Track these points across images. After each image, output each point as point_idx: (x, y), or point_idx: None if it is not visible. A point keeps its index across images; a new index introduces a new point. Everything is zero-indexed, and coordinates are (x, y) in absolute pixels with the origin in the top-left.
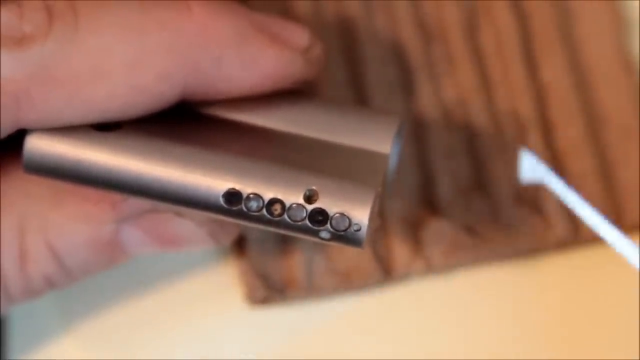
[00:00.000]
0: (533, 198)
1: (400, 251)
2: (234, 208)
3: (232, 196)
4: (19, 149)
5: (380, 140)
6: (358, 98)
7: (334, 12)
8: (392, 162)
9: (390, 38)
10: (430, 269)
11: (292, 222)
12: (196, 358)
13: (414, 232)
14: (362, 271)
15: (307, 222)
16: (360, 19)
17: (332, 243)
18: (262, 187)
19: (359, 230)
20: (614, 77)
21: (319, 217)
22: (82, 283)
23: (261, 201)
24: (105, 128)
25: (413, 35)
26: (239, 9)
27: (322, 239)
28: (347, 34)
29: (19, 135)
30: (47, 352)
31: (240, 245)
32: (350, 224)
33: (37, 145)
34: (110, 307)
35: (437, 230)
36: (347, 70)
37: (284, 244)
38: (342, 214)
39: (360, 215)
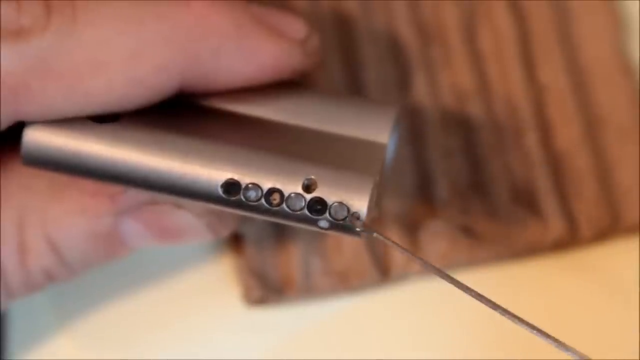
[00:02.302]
0: (531, 198)
1: (397, 252)
2: (233, 198)
3: (231, 186)
4: (18, 143)
5: (378, 130)
6: None
7: (331, 11)
8: (390, 152)
9: (388, 38)
10: (427, 270)
11: (290, 212)
12: (192, 358)
13: (412, 232)
14: (360, 272)
15: (305, 211)
16: (358, 19)
17: (330, 232)
18: (260, 176)
19: (357, 219)
20: (612, 78)
21: (318, 206)
22: (80, 283)
23: (260, 191)
24: (103, 120)
25: (411, 35)
26: (236, 1)
27: (321, 228)
28: (345, 33)
29: (18, 129)
30: (46, 351)
31: (237, 245)
32: (349, 213)
33: (36, 137)
34: (108, 307)
35: (435, 230)
36: (344, 70)
37: (281, 244)
38: (341, 203)
39: (359, 204)
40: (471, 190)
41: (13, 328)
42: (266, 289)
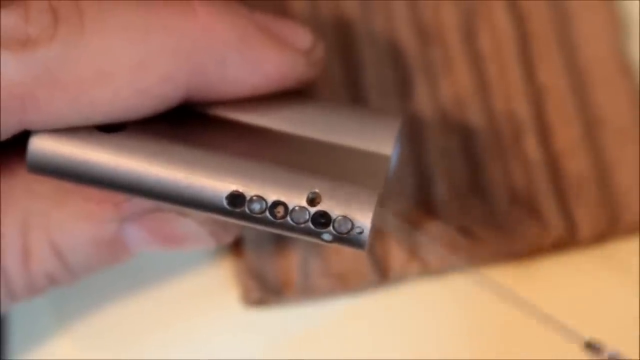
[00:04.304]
0: (530, 199)
1: (396, 253)
2: (237, 210)
3: (236, 198)
4: (22, 147)
5: (382, 142)
6: (355, 99)
7: (331, 12)
8: (393, 163)
9: (387, 39)
10: (426, 271)
11: (294, 224)
12: (192, 358)
13: (411, 233)
14: (358, 273)
15: (309, 224)
16: (358, 20)
17: (334, 245)
18: (265, 189)
19: (361, 233)
20: (611, 79)
21: (322, 219)
22: (81, 284)
23: (264, 203)
24: (109, 129)
25: (411, 37)
26: (242, 10)
27: (325, 241)
28: (344, 35)
29: (23, 134)
30: (46, 352)
31: (236, 246)
32: (352, 227)
33: (41, 146)
34: (108, 308)
35: (434, 232)
36: (344, 72)
37: (281, 246)
38: (345, 217)
39: (363, 218)
40: (470, 192)
41: (13, 329)
42: (265, 290)
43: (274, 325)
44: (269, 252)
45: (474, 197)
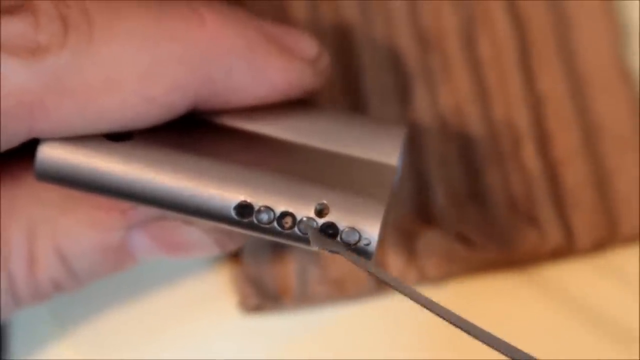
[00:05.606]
0: (528, 207)
1: (394, 260)
2: (245, 220)
3: (244, 209)
4: (29, 154)
5: (388, 152)
6: (354, 105)
7: (331, 18)
8: (398, 173)
9: (387, 45)
10: (424, 279)
11: (302, 235)
12: None
13: (409, 240)
14: (356, 280)
15: None
16: (358, 26)
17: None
18: (273, 200)
19: (368, 244)
20: (611, 86)
21: (329, 230)
22: (82, 290)
23: (272, 214)
24: (117, 138)
25: (410, 43)
26: (249, 19)
27: (332, 252)
28: (344, 40)
29: (31, 142)
30: (46, 354)
31: (235, 253)
32: (360, 238)
33: (49, 154)
34: (108, 313)
35: (431, 239)
36: (343, 77)
37: (279, 252)
38: (353, 228)
39: (371, 230)
40: (468, 199)
41: (14, 333)
42: (263, 297)
43: (271, 331)
44: (267, 259)
45: (473, 205)
